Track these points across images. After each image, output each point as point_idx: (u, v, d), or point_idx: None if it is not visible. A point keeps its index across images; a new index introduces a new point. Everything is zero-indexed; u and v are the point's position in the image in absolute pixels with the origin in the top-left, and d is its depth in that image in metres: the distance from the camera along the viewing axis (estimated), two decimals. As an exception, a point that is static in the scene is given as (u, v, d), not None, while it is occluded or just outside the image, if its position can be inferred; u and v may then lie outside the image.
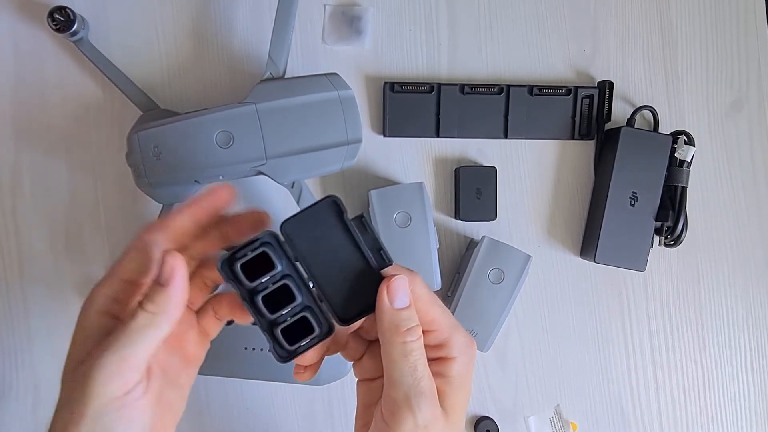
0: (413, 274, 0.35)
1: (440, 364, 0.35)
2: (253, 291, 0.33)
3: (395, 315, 0.33)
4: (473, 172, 0.56)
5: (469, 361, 0.35)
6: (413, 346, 0.33)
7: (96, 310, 0.33)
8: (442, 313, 0.35)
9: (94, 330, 0.33)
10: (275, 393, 0.56)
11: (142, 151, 0.48)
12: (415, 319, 0.33)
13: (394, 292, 0.33)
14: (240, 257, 0.32)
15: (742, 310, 0.61)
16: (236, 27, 0.55)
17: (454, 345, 0.35)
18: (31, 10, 0.53)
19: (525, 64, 0.58)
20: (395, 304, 0.33)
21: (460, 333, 0.35)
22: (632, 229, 0.56)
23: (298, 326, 0.33)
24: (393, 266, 0.34)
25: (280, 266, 0.33)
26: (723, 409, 0.60)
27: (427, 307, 0.34)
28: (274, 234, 0.33)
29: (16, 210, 0.54)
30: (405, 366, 0.33)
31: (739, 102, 0.61)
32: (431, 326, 0.35)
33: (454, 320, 0.36)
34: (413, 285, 0.34)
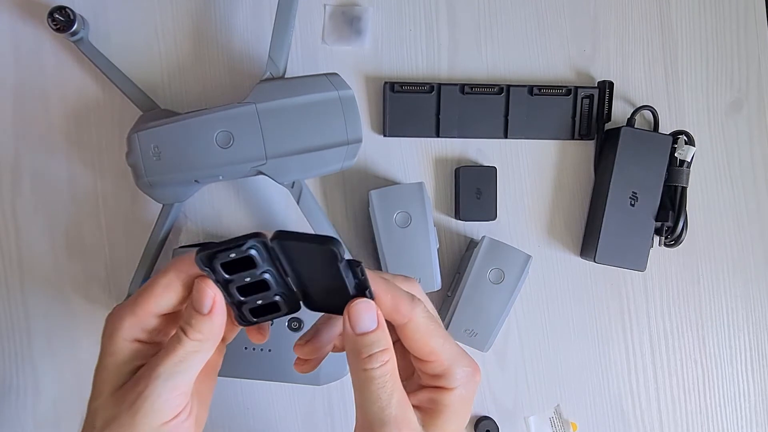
0: (414, 302, 0.33)
1: (437, 392, 0.34)
2: (228, 281, 0.32)
3: (356, 341, 0.32)
4: (473, 172, 0.56)
5: (469, 392, 0.34)
6: (375, 374, 0.31)
7: (124, 338, 0.33)
8: (443, 344, 0.34)
9: (126, 355, 0.33)
10: (275, 393, 0.56)
11: (142, 151, 0.48)
12: (381, 343, 0.32)
13: (356, 315, 0.32)
14: (222, 258, 0.31)
15: (742, 310, 0.61)
16: (236, 27, 0.55)
17: (453, 376, 0.34)
18: (31, 10, 0.53)
19: (525, 64, 0.58)
20: (356, 328, 0.32)
21: (463, 363, 0.34)
22: (632, 229, 0.56)
23: (265, 306, 0.34)
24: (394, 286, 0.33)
25: (262, 265, 0.32)
26: (723, 409, 0.60)
27: (426, 338, 0.33)
28: (262, 238, 0.32)
29: (16, 210, 0.54)
30: (367, 393, 0.32)
31: (739, 102, 0.61)
32: (430, 357, 0.34)
33: (457, 349, 0.35)
34: (412, 313, 0.33)
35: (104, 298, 0.54)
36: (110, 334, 0.33)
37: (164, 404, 0.31)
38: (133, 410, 0.31)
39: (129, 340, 0.33)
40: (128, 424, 0.31)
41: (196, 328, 0.32)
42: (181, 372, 0.32)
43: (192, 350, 0.32)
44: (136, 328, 0.33)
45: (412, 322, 0.33)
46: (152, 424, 0.31)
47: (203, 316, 0.32)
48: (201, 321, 0.32)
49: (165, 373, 0.31)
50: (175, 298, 0.33)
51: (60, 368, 0.54)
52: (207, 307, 0.32)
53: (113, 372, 0.33)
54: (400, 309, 0.33)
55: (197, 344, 0.32)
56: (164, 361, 0.32)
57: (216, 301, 0.32)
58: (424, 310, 0.34)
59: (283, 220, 0.56)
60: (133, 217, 0.54)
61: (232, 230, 0.55)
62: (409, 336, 0.33)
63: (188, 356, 0.32)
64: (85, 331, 0.54)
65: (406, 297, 0.33)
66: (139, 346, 0.33)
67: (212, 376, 0.38)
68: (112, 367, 0.33)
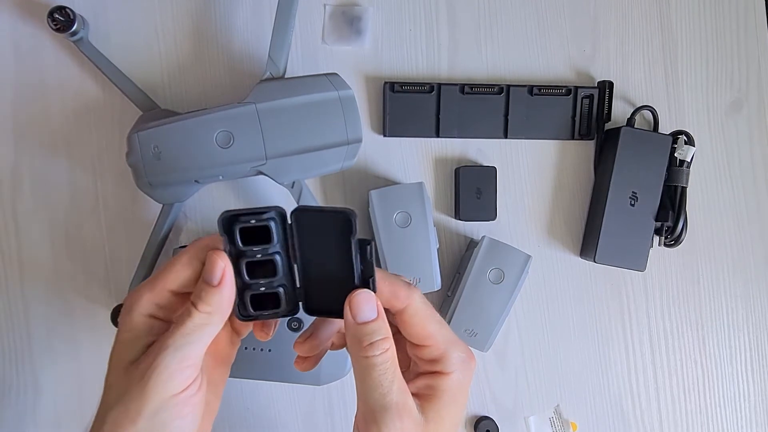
0: (411, 289, 0.35)
1: (434, 377, 0.35)
2: (240, 253, 0.33)
3: (357, 329, 0.33)
4: (473, 172, 0.56)
5: (465, 377, 0.35)
6: (376, 361, 0.33)
7: (141, 313, 0.34)
8: (439, 329, 0.35)
9: (142, 331, 0.34)
10: (275, 393, 0.56)
11: (142, 151, 0.48)
12: (381, 332, 0.33)
13: (357, 306, 0.33)
14: (243, 221, 0.32)
15: (742, 310, 0.61)
16: (236, 27, 0.55)
17: (449, 361, 0.35)
18: (31, 10, 0.53)
19: (525, 64, 0.58)
20: (357, 318, 0.33)
21: (458, 348, 0.35)
22: (632, 229, 0.56)
23: (267, 296, 0.34)
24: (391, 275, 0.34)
25: (276, 243, 0.33)
26: (723, 408, 0.60)
27: (423, 322, 0.35)
28: (282, 213, 0.33)
29: (16, 210, 0.54)
30: (369, 380, 0.33)
31: (738, 102, 0.61)
32: (426, 341, 0.35)
33: (453, 336, 0.36)
34: (410, 299, 0.34)
35: (104, 298, 0.54)
36: (128, 310, 0.34)
37: (172, 375, 0.32)
38: (143, 382, 0.31)
39: (145, 315, 0.34)
40: (138, 396, 0.31)
41: (205, 300, 0.33)
42: (189, 344, 0.32)
43: (200, 323, 0.33)
44: (152, 303, 0.34)
45: (410, 307, 0.34)
46: (162, 395, 0.31)
47: (212, 288, 0.33)
48: (210, 293, 0.33)
49: (173, 345, 0.32)
50: (192, 274, 0.34)
51: (60, 368, 0.54)
52: (216, 279, 0.33)
53: (127, 346, 0.34)
54: (398, 294, 0.34)
55: (206, 317, 0.33)
56: (173, 334, 0.32)
57: (226, 272, 0.33)
58: (420, 295, 0.35)
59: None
60: (133, 217, 0.54)
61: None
62: (406, 321, 0.35)
63: (197, 328, 0.33)
64: (85, 331, 0.54)
65: (404, 284, 0.35)
66: (154, 323, 0.34)
67: (225, 365, 0.38)
68: (127, 342, 0.34)
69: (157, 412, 0.31)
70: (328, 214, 0.33)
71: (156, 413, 0.31)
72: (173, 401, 0.32)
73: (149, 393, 0.31)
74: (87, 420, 0.54)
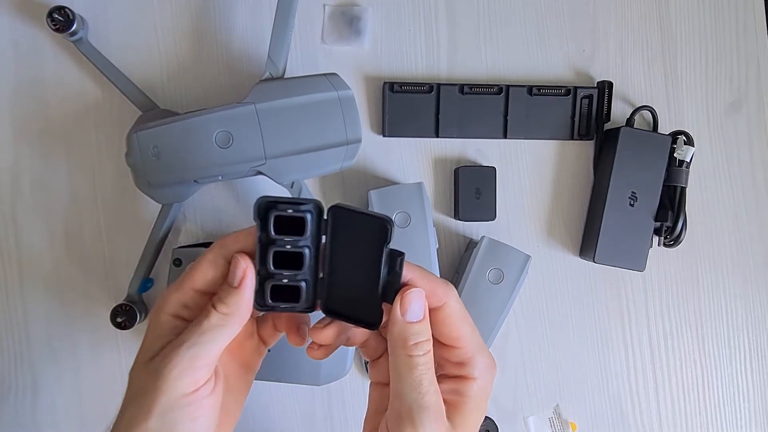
0: (449, 288, 0.34)
1: (459, 382, 0.35)
2: (271, 241, 0.33)
3: (405, 327, 0.33)
4: (473, 172, 0.56)
5: (488, 384, 0.35)
6: (419, 360, 0.32)
7: (167, 312, 0.34)
8: (471, 332, 0.35)
9: (166, 330, 0.34)
10: (275, 393, 0.56)
11: (141, 151, 0.48)
12: (426, 333, 0.33)
13: (408, 304, 0.33)
14: (280, 210, 0.32)
15: (742, 310, 0.61)
16: (236, 27, 0.55)
17: (476, 366, 0.34)
18: (31, 10, 0.53)
19: (524, 64, 0.58)
20: (407, 316, 0.33)
21: (484, 354, 0.35)
22: (632, 229, 0.56)
23: (288, 289, 0.34)
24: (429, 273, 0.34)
25: (308, 236, 0.33)
26: (722, 409, 0.60)
27: (457, 323, 0.34)
28: (320, 207, 0.33)
29: (16, 210, 0.54)
30: (409, 379, 0.32)
31: (738, 102, 0.61)
32: (457, 343, 0.34)
33: (481, 341, 0.35)
34: (447, 297, 0.34)
35: (104, 298, 0.54)
36: (158, 310, 0.34)
37: (183, 372, 0.31)
38: (154, 378, 0.31)
39: (171, 314, 0.34)
40: (150, 393, 0.31)
41: (223, 301, 0.33)
42: (202, 343, 0.32)
43: (216, 323, 0.33)
44: (178, 302, 0.34)
45: (447, 306, 0.34)
46: (172, 393, 0.31)
47: (233, 288, 0.33)
48: (229, 294, 0.33)
49: (187, 343, 0.32)
50: (217, 273, 0.34)
51: (59, 368, 0.54)
52: (237, 280, 0.33)
53: (151, 344, 0.34)
54: (437, 292, 0.34)
55: (222, 317, 0.33)
56: (189, 332, 0.33)
57: (246, 275, 0.33)
58: (456, 296, 0.35)
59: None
60: (133, 217, 0.54)
61: (232, 230, 0.55)
62: (441, 320, 0.34)
63: (212, 328, 0.32)
64: (85, 331, 0.54)
65: (441, 282, 0.34)
66: (179, 323, 0.34)
67: (249, 373, 0.38)
68: (151, 340, 0.34)
69: (168, 410, 0.31)
70: (367, 217, 0.32)
71: (167, 411, 0.31)
72: (184, 401, 0.32)
73: (160, 389, 0.31)
74: (87, 420, 0.54)
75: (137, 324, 0.51)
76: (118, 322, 0.51)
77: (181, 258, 0.50)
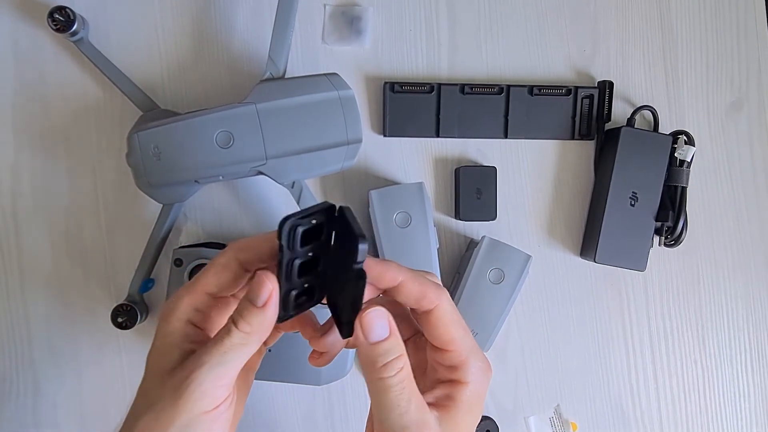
0: (440, 290, 0.34)
1: (451, 386, 0.34)
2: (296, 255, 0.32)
3: (371, 350, 0.32)
4: (473, 172, 0.56)
5: (482, 388, 0.35)
6: (392, 382, 0.31)
7: (178, 318, 0.33)
8: (464, 335, 0.34)
9: (178, 337, 0.33)
10: (275, 393, 0.56)
11: (142, 151, 0.48)
12: (395, 350, 0.32)
13: (368, 325, 0.31)
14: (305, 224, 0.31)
15: (742, 310, 0.61)
16: (236, 27, 0.55)
17: (468, 370, 0.34)
18: (31, 10, 0.53)
19: (525, 64, 0.58)
20: (370, 338, 0.31)
21: (478, 358, 0.35)
22: (632, 229, 0.56)
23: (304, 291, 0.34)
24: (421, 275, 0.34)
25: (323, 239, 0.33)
26: (723, 409, 0.60)
27: (449, 326, 0.34)
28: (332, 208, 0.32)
29: (16, 210, 0.54)
30: (386, 402, 0.32)
31: (739, 102, 0.61)
32: (449, 346, 0.34)
33: (474, 344, 0.35)
34: (439, 300, 0.33)
35: (104, 298, 0.54)
36: (167, 315, 0.34)
37: (205, 393, 0.31)
38: (175, 396, 0.31)
39: (183, 320, 0.33)
40: (169, 409, 0.31)
41: (246, 320, 0.32)
42: (225, 362, 0.32)
43: (239, 342, 0.32)
44: (190, 307, 0.34)
45: (438, 309, 0.33)
46: (192, 412, 0.31)
47: (256, 308, 0.32)
48: (253, 313, 0.32)
49: (210, 362, 0.31)
50: (231, 277, 0.33)
51: (60, 368, 0.54)
52: (262, 300, 0.32)
53: (164, 354, 0.33)
54: (427, 295, 0.33)
55: (245, 336, 0.32)
56: (211, 350, 0.32)
57: (272, 295, 0.32)
58: (449, 298, 0.34)
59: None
60: (133, 217, 0.54)
61: (232, 230, 0.55)
62: (432, 323, 0.34)
63: (235, 348, 0.32)
64: (85, 331, 0.54)
65: (433, 284, 0.34)
66: (190, 329, 0.34)
67: (250, 373, 0.38)
68: (164, 349, 0.33)
69: (187, 426, 0.31)
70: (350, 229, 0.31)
71: (186, 427, 0.31)
72: (204, 417, 0.31)
73: (181, 407, 0.31)
74: (87, 420, 0.54)
75: (138, 324, 0.51)
76: (119, 322, 0.51)
77: (182, 258, 0.50)
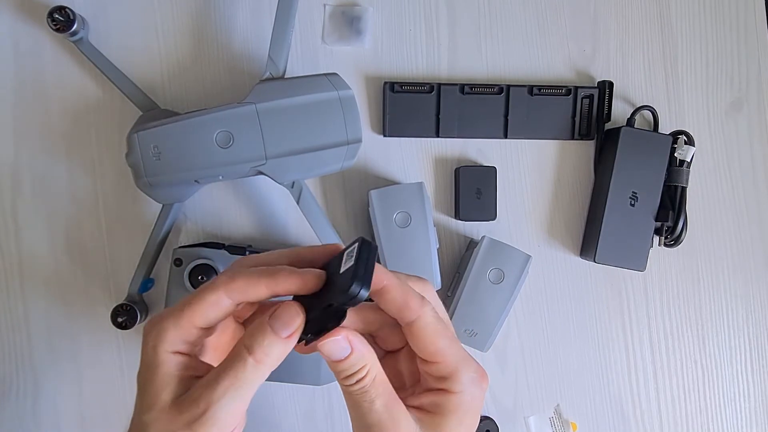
0: (424, 302, 0.33)
1: (441, 395, 0.34)
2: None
3: (334, 366, 0.32)
4: (473, 172, 0.56)
5: (474, 398, 0.34)
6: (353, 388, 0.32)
7: (167, 350, 0.32)
8: (449, 345, 0.34)
9: (172, 367, 0.32)
10: (275, 393, 0.56)
11: (142, 151, 0.48)
12: (357, 365, 0.32)
13: (328, 352, 0.32)
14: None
15: (742, 310, 0.61)
16: (236, 27, 0.55)
17: (458, 380, 0.33)
18: (31, 10, 0.53)
19: (525, 64, 0.58)
20: (332, 358, 0.32)
21: (469, 368, 0.34)
22: (632, 229, 0.56)
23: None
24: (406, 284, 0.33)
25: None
26: (723, 409, 0.60)
27: (433, 338, 0.33)
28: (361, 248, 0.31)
29: (16, 210, 0.54)
30: (350, 402, 0.33)
31: (739, 102, 0.61)
32: (434, 357, 0.34)
33: (464, 353, 0.34)
34: (421, 311, 0.33)
35: (104, 298, 0.54)
36: (154, 345, 0.32)
37: (223, 425, 0.31)
38: (192, 429, 0.30)
39: (172, 352, 0.32)
40: None
41: (266, 351, 0.31)
42: (242, 393, 0.31)
43: (254, 373, 0.31)
44: (178, 340, 0.32)
45: (420, 320, 0.33)
46: None
47: (280, 339, 0.31)
48: (275, 344, 0.31)
49: (227, 395, 0.31)
50: (222, 315, 0.32)
51: (60, 368, 0.54)
52: (288, 332, 0.31)
53: (165, 383, 0.32)
54: (410, 305, 0.33)
55: (261, 367, 0.31)
56: (224, 382, 0.31)
57: (299, 331, 0.31)
58: (432, 310, 0.34)
59: (283, 220, 0.56)
60: (133, 217, 0.54)
61: (232, 230, 0.55)
62: (415, 334, 0.33)
63: (251, 379, 0.31)
64: (85, 331, 0.54)
65: (417, 295, 0.33)
66: (182, 358, 0.33)
67: None
68: (163, 379, 0.32)
69: None
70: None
71: None
72: None
73: None
74: (87, 420, 0.54)
75: (138, 324, 0.51)
76: (118, 322, 0.51)
77: (182, 258, 0.50)
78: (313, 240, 0.53)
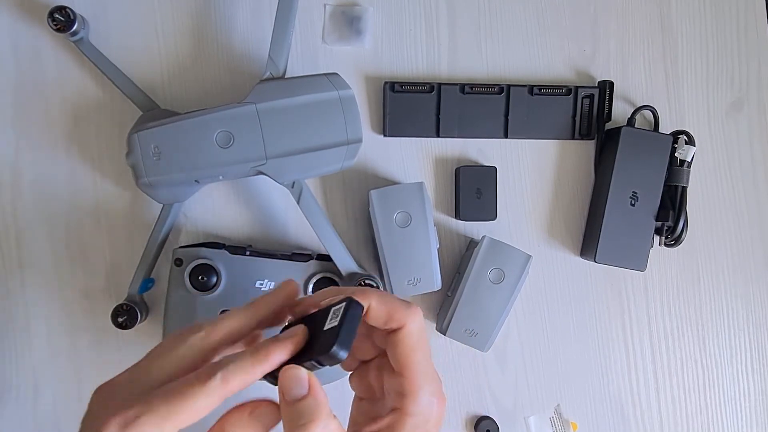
0: (410, 312, 0.34)
1: (396, 414, 0.34)
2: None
3: (288, 410, 0.31)
4: (473, 172, 0.56)
5: (426, 422, 0.34)
6: None
7: None
8: (421, 361, 0.34)
9: None
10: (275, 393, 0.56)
11: (142, 151, 0.48)
12: (312, 414, 0.30)
13: (286, 383, 0.31)
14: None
15: (742, 310, 0.61)
16: (236, 27, 0.55)
17: (416, 401, 0.33)
18: (31, 10, 0.53)
19: (525, 63, 0.58)
20: (287, 396, 0.31)
21: (430, 391, 0.34)
22: (632, 229, 0.56)
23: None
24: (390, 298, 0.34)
25: None
26: (723, 408, 0.60)
27: (409, 349, 0.34)
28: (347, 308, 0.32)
29: (16, 210, 0.54)
30: None
31: (739, 102, 0.61)
32: (403, 370, 0.34)
33: (433, 374, 0.34)
34: (407, 320, 0.33)
35: (104, 298, 0.54)
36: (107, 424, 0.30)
37: None
38: None
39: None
40: None
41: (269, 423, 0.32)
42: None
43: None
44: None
45: (405, 329, 0.34)
46: None
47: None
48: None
49: None
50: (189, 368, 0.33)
51: (60, 368, 0.54)
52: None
53: None
54: (396, 315, 0.34)
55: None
56: None
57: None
58: (420, 324, 0.34)
59: (283, 220, 0.56)
60: (133, 217, 0.54)
61: (232, 230, 0.55)
62: (395, 342, 0.34)
63: None
64: (86, 331, 0.54)
65: (403, 306, 0.34)
66: None
67: None
68: None
69: None
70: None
71: None
72: None
73: None
74: (87, 420, 0.54)
75: (138, 324, 0.51)
76: (119, 322, 0.51)
77: (182, 258, 0.50)
78: (313, 240, 0.53)
